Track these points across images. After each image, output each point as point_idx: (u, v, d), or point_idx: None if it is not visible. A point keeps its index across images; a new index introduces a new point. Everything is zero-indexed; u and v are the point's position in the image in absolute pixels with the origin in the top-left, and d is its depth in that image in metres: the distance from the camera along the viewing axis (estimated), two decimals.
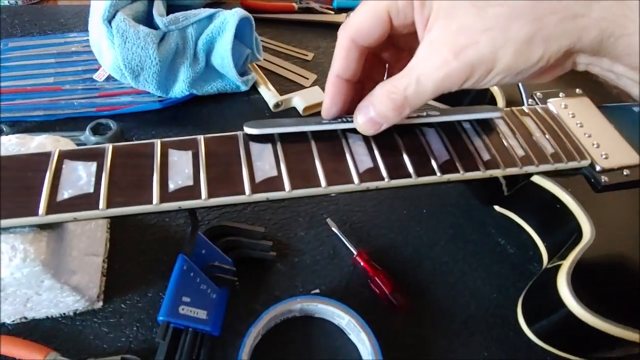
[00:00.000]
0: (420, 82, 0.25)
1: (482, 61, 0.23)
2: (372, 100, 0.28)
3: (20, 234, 0.27)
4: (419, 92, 0.25)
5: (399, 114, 0.27)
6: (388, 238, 0.42)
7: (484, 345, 0.37)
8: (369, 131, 0.29)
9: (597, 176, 0.35)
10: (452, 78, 0.24)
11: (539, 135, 0.36)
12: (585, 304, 0.28)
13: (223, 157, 0.30)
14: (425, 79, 0.25)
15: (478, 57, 0.23)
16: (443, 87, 0.25)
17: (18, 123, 0.47)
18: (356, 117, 0.29)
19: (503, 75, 0.24)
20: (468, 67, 0.24)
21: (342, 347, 0.35)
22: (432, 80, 0.25)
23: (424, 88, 0.25)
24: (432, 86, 0.25)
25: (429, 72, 0.25)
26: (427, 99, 0.26)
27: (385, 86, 0.27)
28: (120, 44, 0.44)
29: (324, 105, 0.31)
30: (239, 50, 0.50)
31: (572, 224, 0.34)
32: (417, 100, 0.26)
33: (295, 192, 0.29)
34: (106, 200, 0.26)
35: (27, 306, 0.32)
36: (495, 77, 0.24)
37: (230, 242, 0.38)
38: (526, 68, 0.24)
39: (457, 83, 0.25)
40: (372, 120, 0.28)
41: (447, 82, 0.24)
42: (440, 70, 0.24)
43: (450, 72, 0.24)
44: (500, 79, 0.25)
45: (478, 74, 0.24)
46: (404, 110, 0.27)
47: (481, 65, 0.24)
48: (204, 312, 0.33)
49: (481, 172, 0.32)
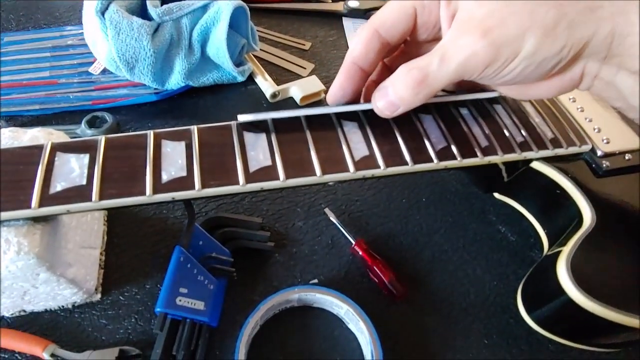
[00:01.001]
0: (445, 59, 0.25)
1: (509, 42, 0.23)
2: (392, 80, 0.27)
3: (14, 227, 0.27)
4: (442, 70, 0.25)
5: (416, 94, 0.26)
6: (387, 227, 0.42)
7: (484, 333, 0.36)
8: (385, 112, 0.29)
9: (599, 161, 0.35)
10: (477, 58, 0.24)
11: (539, 121, 0.35)
12: (584, 290, 0.28)
13: (217, 148, 0.29)
14: (450, 56, 0.25)
15: (505, 38, 0.23)
16: (467, 68, 0.25)
17: (14, 118, 0.47)
18: (374, 97, 0.29)
19: (526, 63, 0.24)
20: (495, 47, 0.24)
21: (340, 336, 0.35)
22: (457, 58, 0.24)
23: (448, 65, 0.25)
24: (455, 65, 0.24)
25: (454, 50, 0.24)
26: (448, 79, 0.25)
27: (406, 65, 0.26)
28: (114, 36, 0.44)
29: (331, 90, 0.31)
30: (235, 40, 0.49)
31: (573, 210, 0.33)
32: (438, 79, 0.25)
33: (290, 181, 0.28)
34: (99, 192, 0.26)
35: (25, 299, 0.32)
36: (519, 64, 0.24)
37: (228, 233, 0.38)
38: (548, 57, 0.24)
39: (481, 64, 0.24)
40: (389, 101, 0.28)
41: (471, 62, 0.24)
42: (466, 48, 0.24)
43: (476, 51, 0.24)
44: (522, 69, 0.25)
45: (504, 57, 0.24)
46: (423, 90, 0.26)
47: (508, 46, 0.24)
48: (202, 303, 0.33)
49: (479, 158, 0.32)
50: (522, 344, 0.36)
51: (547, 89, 0.28)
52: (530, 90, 0.29)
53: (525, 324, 0.34)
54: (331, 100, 0.31)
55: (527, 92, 0.30)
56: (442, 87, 0.26)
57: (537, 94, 0.29)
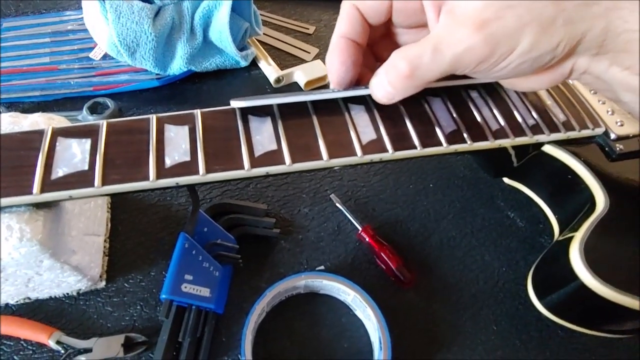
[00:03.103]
0: (438, 51, 0.24)
1: (506, 37, 0.23)
2: (385, 68, 0.26)
3: (16, 214, 0.26)
4: (434, 63, 0.24)
5: (408, 85, 0.26)
6: (394, 213, 0.41)
7: (493, 319, 0.36)
8: (382, 100, 0.28)
9: (612, 144, 0.34)
10: (473, 52, 0.23)
11: (551, 103, 0.34)
12: (598, 275, 0.27)
13: (221, 132, 0.29)
14: (444, 48, 0.24)
15: (503, 32, 0.23)
16: (461, 62, 0.24)
17: (15, 104, 0.46)
18: (371, 85, 0.28)
19: (522, 59, 0.24)
20: (491, 42, 0.23)
21: (347, 323, 0.35)
22: (452, 51, 0.23)
23: (441, 58, 0.24)
24: (450, 58, 0.24)
25: (448, 43, 0.23)
26: (442, 71, 0.24)
27: (399, 52, 0.25)
28: (114, 20, 0.43)
29: (332, 72, 0.29)
30: (237, 24, 0.48)
31: (585, 194, 0.32)
32: (430, 71, 0.24)
33: (296, 165, 0.28)
34: (101, 178, 0.26)
35: (29, 286, 0.31)
36: (514, 60, 0.24)
37: (233, 219, 0.38)
38: (544, 53, 0.23)
39: (476, 59, 0.23)
40: (384, 88, 0.27)
41: (466, 56, 0.23)
42: (462, 43, 0.23)
43: (472, 45, 0.23)
44: (517, 65, 0.24)
45: (500, 51, 0.23)
46: (414, 81, 0.25)
47: (505, 42, 0.23)
48: (207, 289, 0.32)
49: (490, 142, 0.31)
50: (531, 329, 0.36)
51: (536, 82, 0.27)
52: (519, 83, 0.28)
53: (534, 310, 0.34)
54: (335, 80, 0.29)
55: (516, 85, 0.29)
56: (434, 80, 0.25)
57: (526, 86, 0.29)
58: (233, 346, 0.33)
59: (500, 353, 0.35)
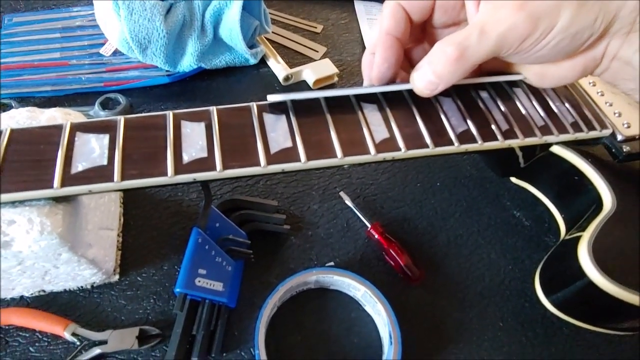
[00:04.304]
0: (484, 32, 0.25)
1: (546, 13, 0.24)
2: (429, 58, 0.27)
3: (37, 207, 0.27)
4: (481, 43, 0.25)
5: (455, 70, 0.26)
6: (401, 211, 0.42)
7: (499, 316, 0.37)
8: (425, 92, 0.28)
9: (619, 145, 0.34)
10: (516, 30, 0.24)
11: (559, 104, 0.35)
12: (606, 273, 0.27)
13: (236, 129, 0.29)
14: (489, 29, 0.25)
15: (543, 9, 0.24)
16: (506, 41, 0.25)
17: (27, 99, 0.47)
18: (413, 78, 0.29)
19: (562, 36, 0.25)
20: (533, 19, 0.24)
21: (357, 318, 0.35)
22: (497, 31, 0.25)
23: (487, 38, 0.25)
24: (495, 37, 0.25)
25: (494, 23, 0.25)
26: (488, 52, 0.25)
27: (445, 40, 0.26)
28: (126, 16, 0.43)
29: (375, 67, 0.30)
30: (248, 22, 0.49)
31: (592, 194, 0.33)
32: (477, 52, 0.25)
33: (311, 163, 0.28)
34: (120, 173, 0.26)
35: (45, 279, 0.32)
36: (554, 37, 0.25)
37: (244, 215, 0.38)
38: (582, 29, 0.24)
39: (520, 36, 0.25)
40: (428, 79, 0.27)
41: (510, 35, 0.25)
42: (506, 21, 0.24)
43: (515, 23, 0.24)
44: (557, 42, 0.25)
45: (541, 28, 0.24)
46: (463, 65, 0.26)
47: (545, 18, 0.24)
48: (220, 284, 0.33)
49: (499, 142, 0.31)
50: (537, 327, 0.36)
51: (570, 69, 0.28)
52: (552, 71, 0.29)
53: (540, 308, 0.35)
54: (377, 76, 0.30)
55: (548, 74, 0.30)
56: (481, 61, 0.26)
57: (559, 75, 0.29)
58: (245, 340, 0.34)
59: (506, 349, 0.35)
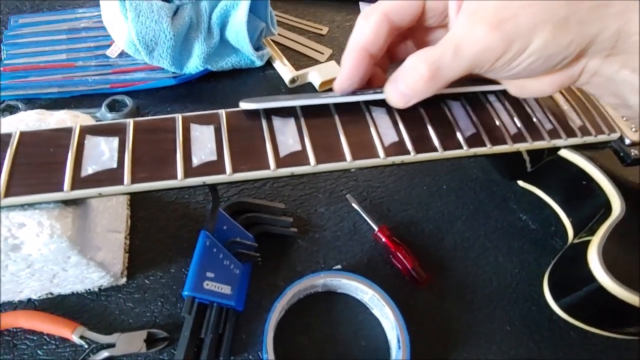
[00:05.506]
0: (459, 51, 0.24)
1: (520, 35, 0.23)
2: (403, 72, 0.27)
3: (46, 210, 0.27)
4: (455, 62, 0.25)
5: (429, 87, 0.26)
6: (408, 214, 0.42)
7: (507, 319, 0.37)
8: (398, 104, 0.28)
9: (627, 149, 0.34)
10: (491, 51, 0.24)
11: (567, 108, 0.35)
12: (616, 277, 0.27)
13: (246, 132, 0.29)
14: (464, 49, 0.24)
15: (517, 31, 0.23)
16: (480, 60, 0.24)
17: (33, 100, 0.47)
18: (386, 90, 0.28)
19: (535, 57, 0.24)
20: (507, 39, 0.23)
21: (365, 321, 0.35)
22: (471, 51, 0.24)
23: (461, 58, 0.24)
24: (470, 57, 0.24)
25: (469, 43, 0.24)
26: (462, 71, 0.25)
27: (418, 56, 0.26)
28: (133, 18, 0.43)
29: (338, 79, 0.30)
30: (254, 24, 0.49)
31: (601, 198, 0.33)
32: (451, 71, 0.25)
33: (321, 166, 0.28)
34: (130, 176, 0.26)
35: (53, 282, 0.32)
36: (527, 57, 0.24)
37: (251, 218, 0.38)
38: (556, 52, 0.24)
39: (494, 56, 0.24)
40: (401, 92, 0.27)
41: (485, 55, 0.24)
42: (481, 41, 0.24)
43: (489, 43, 0.24)
44: (530, 62, 0.25)
45: (515, 49, 0.24)
46: (436, 83, 0.26)
47: (519, 40, 0.24)
48: (228, 287, 0.33)
49: (508, 145, 0.31)
50: (544, 330, 0.36)
51: (547, 83, 0.28)
52: (531, 85, 0.29)
53: (547, 311, 0.35)
54: (339, 89, 0.30)
55: (528, 87, 0.29)
56: (455, 79, 0.26)
57: (538, 89, 0.29)
58: (253, 343, 0.34)
59: (514, 353, 0.35)
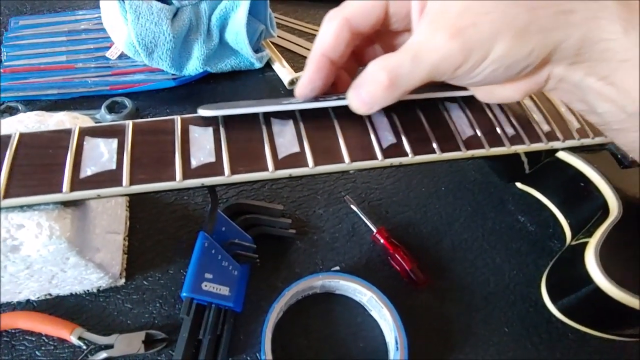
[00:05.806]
0: (417, 59, 0.24)
1: (480, 44, 0.23)
2: (363, 80, 0.26)
3: (45, 211, 0.27)
4: (414, 71, 0.24)
5: (388, 95, 0.25)
6: (406, 215, 0.42)
7: (504, 321, 0.37)
8: (360, 111, 0.27)
9: (624, 152, 0.35)
10: (449, 60, 0.23)
11: (565, 110, 0.35)
12: (613, 279, 0.28)
13: (244, 134, 0.29)
14: (423, 57, 0.24)
15: (477, 39, 0.23)
16: (438, 70, 0.24)
17: (33, 102, 0.47)
18: (348, 96, 0.27)
19: (495, 65, 0.24)
20: (466, 49, 0.23)
21: (363, 323, 0.36)
22: (429, 60, 0.24)
23: (420, 67, 0.24)
24: (428, 66, 0.24)
25: (427, 51, 0.24)
26: (420, 80, 0.25)
27: (377, 63, 0.25)
28: (133, 20, 0.43)
29: (299, 84, 0.29)
30: (253, 26, 0.49)
31: (599, 200, 0.33)
32: (410, 80, 0.25)
33: (319, 168, 0.28)
34: (129, 177, 0.26)
35: (52, 283, 0.32)
36: (487, 66, 0.24)
37: (250, 219, 0.38)
38: (517, 60, 0.23)
39: (452, 66, 0.24)
40: (362, 100, 0.26)
41: (443, 64, 0.24)
42: (439, 50, 0.23)
43: (448, 52, 0.23)
44: (490, 71, 0.24)
45: (474, 58, 0.23)
46: (395, 91, 0.25)
47: (479, 48, 0.23)
48: (227, 288, 0.33)
49: (506, 147, 0.32)
50: (542, 332, 0.36)
51: (514, 90, 0.27)
52: (497, 91, 0.28)
53: (544, 313, 0.35)
54: (300, 94, 0.29)
55: (494, 93, 0.29)
56: (415, 87, 0.25)
57: (504, 95, 0.28)
58: (251, 344, 0.34)
59: (511, 354, 0.35)
